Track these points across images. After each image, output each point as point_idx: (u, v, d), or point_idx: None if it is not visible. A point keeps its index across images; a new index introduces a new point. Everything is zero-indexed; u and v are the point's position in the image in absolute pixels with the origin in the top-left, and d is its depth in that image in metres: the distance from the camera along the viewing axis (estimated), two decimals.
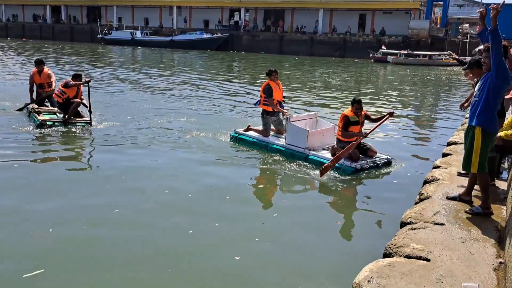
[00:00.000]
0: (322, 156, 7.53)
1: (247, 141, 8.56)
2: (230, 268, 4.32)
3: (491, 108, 4.29)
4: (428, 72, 29.14)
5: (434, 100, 17.84)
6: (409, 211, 4.58)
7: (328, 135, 8.15)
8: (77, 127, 9.47)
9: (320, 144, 7.95)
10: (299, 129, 7.83)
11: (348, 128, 7.30)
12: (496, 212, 4.47)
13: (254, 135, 8.57)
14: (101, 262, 4.36)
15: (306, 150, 7.65)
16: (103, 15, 56.81)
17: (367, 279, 3.14)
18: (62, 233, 4.88)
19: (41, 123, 9.34)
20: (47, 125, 9.35)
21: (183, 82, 19.26)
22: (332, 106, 14.32)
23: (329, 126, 8.28)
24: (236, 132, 8.86)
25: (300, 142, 7.74)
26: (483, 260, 3.48)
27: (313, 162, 7.47)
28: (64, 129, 9.36)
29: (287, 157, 7.79)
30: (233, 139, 8.79)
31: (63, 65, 24.85)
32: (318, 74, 26.29)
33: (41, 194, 5.98)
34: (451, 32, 41.36)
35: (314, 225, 5.41)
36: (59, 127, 9.42)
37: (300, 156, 7.66)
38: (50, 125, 9.37)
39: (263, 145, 8.33)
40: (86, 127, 9.57)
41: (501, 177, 5.61)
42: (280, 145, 8.09)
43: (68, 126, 9.47)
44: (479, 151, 4.31)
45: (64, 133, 9.20)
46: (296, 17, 47.50)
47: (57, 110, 10.16)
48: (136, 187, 6.38)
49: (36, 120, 9.50)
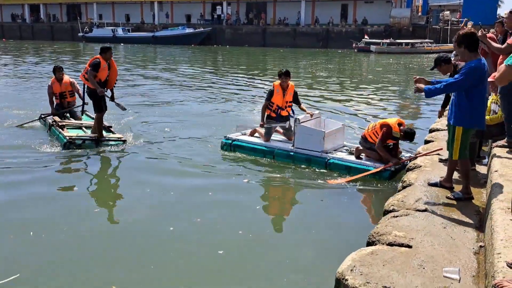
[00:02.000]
0: (347, 159, 6.79)
1: (246, 148, 7.56)
2: (214, 263, 4.31)
3: (465, 106, 4.27)
4: (411, 60, 29.37)
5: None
6: (391, 199, 4.61)
7: (339, 135, 7.41)
8: (111, 146, 8.00)
9: (332, 146, 7.20)
10: (314, 130, 7.06)
11: (387, 141, 6.54)
12: (476, 197, 4.53)
13: (253, 140, 7.65)
14: (79, 264, 4.27)
15: (324, 154, 6.90)
16: (83, 12, 56.04)
17: (350, 268, 3.15)
18: (40, 236, 4.78)
19: (69, 141, 7.77)
20: (76, 144, 7.82)
21: (170, 80, 19.13)
22: (326, 101, 13.79)
23: (339, 126, 7.47)
24: (229, 138, 7.79)
25: (315, 145, 6.92)
26: (464, 245, 3.52)
27: (336, 167, 6.74)
28: (96, 148, 7.89)
29: (299, 163, 7.03)
30: (225, 146, 7.72)
31: (45, 64, 24.47)
32: (302, 66, 26.30)
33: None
34: (432, 20, 41.68)
35: (298, 217, 5.42)
36: (89, 146, 7.93)
37: (319, 161, 6.88)
38: (79, 144, 7.84)
39: (267, 152, 7.36)
40: (120, 145, 8.08)
41: (482, 161, 5.68)
42: (288, 149, 7.19)
43: (99, 145, 7.98)
44: (460, 142, 4.36)
45: (96, 154, 7.71)
46: (278, 9, 47.40)
47: (83, 123, 8.91)
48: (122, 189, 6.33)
49: (62, 138, 7.94)
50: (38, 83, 16.57)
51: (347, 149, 7.32)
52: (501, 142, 5.38)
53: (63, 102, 9.37)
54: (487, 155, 5.68)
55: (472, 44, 4.21)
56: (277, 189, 6.53)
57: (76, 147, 7.77)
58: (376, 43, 36.18)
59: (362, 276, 3.06)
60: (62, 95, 9.36)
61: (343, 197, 5.96)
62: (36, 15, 57.89)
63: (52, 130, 8.66)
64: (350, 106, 12.83)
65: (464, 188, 4.46)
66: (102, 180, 6.95)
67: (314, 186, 6.37)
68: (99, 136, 7.98)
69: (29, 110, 10.94)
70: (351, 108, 12.45)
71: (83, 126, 8.78)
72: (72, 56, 30.94)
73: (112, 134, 8.43)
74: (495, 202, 3.64)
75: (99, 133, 8.00)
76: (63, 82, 9.33)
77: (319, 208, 5.68)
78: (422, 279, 3.03)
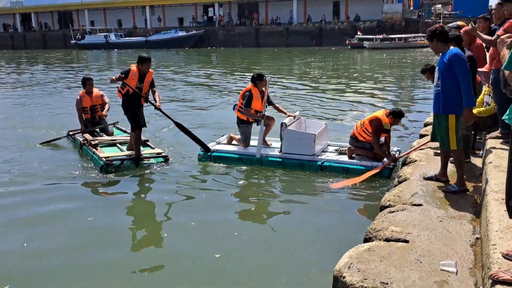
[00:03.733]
0: (342, 160, 6.61)
1: (228, 158, 7.14)
2: (211, 266, 4.29)
3: (455, 94, 4.36)
4: (404, 55, 29.45)
5: (412, 82, 18.04)
6: (387, 194, 4.63)
7: (324, 136, 7.21)
8: (151, 165, 7.14)
9: (320, 147, 7.01)
10: (303, 134, 6.85)
11: (381, 135, 6.41)
12: (472, 189, 4.54)
13: (234, 149, 7.28)
14: (72, 272, 4.22)
15: (316, 157, 6.71)
16: (75, 19, 55.94)
17: (347, 265, 3.16)
18: (33, 246, 4.69)
19: (106, 163, 6.83)
20: (114, 165, 6.93)
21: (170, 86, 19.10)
22: (315, 101, 13.66)
23: (323, 126, 7.25)
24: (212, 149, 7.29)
25: (305, 149, 6.67)
26: (460, 237, 3.53)
27: (332, 170, 6.51)
28: (136, 169, 7.01)
29: (291, 168, 6.75)
30: (204, 158, 7.23)
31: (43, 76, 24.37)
32: (296, 64, 26.32)
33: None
34: (424, 14, 41.80)
35: (293, 218, 5.39)
36: (129, 166, 7.07)
37: (313, 165, 6.63)
38: (118, 165, 6.98)
39: (254, 160, 7.00)
40: (161, 163, 7.19)
41: (477, 153, 5.70)
42: (277, 156, 6.90)
43: (139, 164, 7.13)
44: (455, 131, 4.42)
45: (136, 176, 6.79)
46: (270, 9, 47.47)
47: (116, 139, 8.05)
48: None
49: (97, 159, 7.05)
50: (50, 96, 15.70)
51: (336, 149, 7.09)
52: (494, 133, 5.41)
53: (95, 117, 8.46)
54: (482, 147, 5.70)
55: (442, 36, 4.44)
56: (270, 191, 6.33)
57: (114, 169, 6.91)
58: (369, 39, 36.26)
59: (360, 272, 3.06)
60: (93, 109, 8.45)
61: (337, 195, 5.92)
62: (28, 24, 57.75)
63: (84, 150, 7.78)
64: (343, 102, 12.83)
65: (459, 180, 4.48)
66: (143, 209, 5.96)
67: (306, 187, 6.27)
68: (137, 154, 7.11)
69: (49, 125, 10.12)
70: (345, 105, 12.45)
71: (117, 143, 7.87)
72: (64, 64, 30.78)
73: (150, 148, 7.59)
74: (490, 194, 3.65)
75: (137, 151, 7.12)
76: (94, 95, 8.45)
77: (314, 207, 5.65)
78: (420, 273, 3.03)
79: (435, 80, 4.55)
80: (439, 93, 4.45)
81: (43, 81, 20.47)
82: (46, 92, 16.82)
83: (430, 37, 4.50)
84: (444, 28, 4.54)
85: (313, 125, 7.46)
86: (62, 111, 12.17)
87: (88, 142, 7.68)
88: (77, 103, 8.39)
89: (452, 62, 4.32)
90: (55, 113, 12.19)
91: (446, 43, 4.46)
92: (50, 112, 12.35)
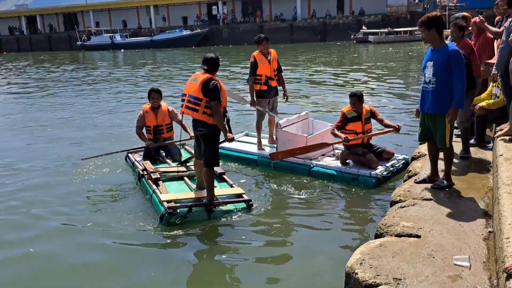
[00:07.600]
0: (329, 166, 6.30)
1: (229, 156, 7.04)
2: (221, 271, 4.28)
3: (449, 92, 4.18)
4: (410, 48, 29.25)
5: (420, 75, 17.88)
6: (397, 190, 4.61)
7: (327, 138, 6.63)
8: (229, 213, 5.20)
9: (320, 151, 6.68)
10: (295, 136, 6.54)
11: (346, 126, 6.21)
12: (483, 182, 4.51)
13: (236, 148, 7.14)
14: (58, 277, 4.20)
15: (307, 161, 6.46)
16: (80, 21, 56.08)
17: (359, 262, 3.15)
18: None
19: (170, 212, 4.92)
20: (179, 215, 4.99)
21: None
22: (325, 100, 13.05)
23: (327, 127, 6.80)
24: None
25: None
26: (473, 231, 3.51)
27: (318, 176, 6.26)
28: (208, 221, 5.10)
29: (282, 171, 6.54)
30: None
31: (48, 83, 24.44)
32: (302, 60, 26.24)
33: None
34: (429, 6, 41.42)
35: (304, 214, 5.39)
36: (199, 215, 5.12)
37: (302, 169, 6.40)
38: (184, 215, 5.04)
39: (250, 160, 6.91)
40: (242, 210, 5.28)
41: (487, 146, 5.65)
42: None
43: (213, 212, 5.16)
44: (450, 129, 4.31)
45: (207, 232, 4.91)
46: (273, 5, 47.32)
47: (185, 171, 6.10)
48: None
49: (158, 203, 5.22)
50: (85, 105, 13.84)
51: (334, 154, 6.72)
52: (504, 125, 5.35)
53: (158, 139, 6.76)
54: (492, 139, 5.65)
55: (441, 26, 4.20)
56: (276, 191, 6.13)
57: (180, 219, 4.99)
58: (374, 33, 36.07)
59: (372, 268, 3.06)
60: (158, 130, 6.75)
61: (347, 192, 5.92)
62: (34, 26, 58.04)
63: (142, 183, 6.04)
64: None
65: (447, 176, 4.40)
66: None
67: (314, 185, 6.14)
68: (211, 197, 5.16)
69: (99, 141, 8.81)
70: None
71: (184, 176, 6.04)
72: (73, 67, 30.87)
73: (228, 186, 5.73)
74: (502, 187, 3.62)
75: (211, 194, 5.17)
76: (160, 111, 6.72)
77: (324, 204, 5.64)
78: (433, 268, 3.02)
79: (427, 76, 4.26)
80: (433, 91, 4.21)
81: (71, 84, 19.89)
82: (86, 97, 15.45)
83: (429, 24, 4.14)
84: (442, 18, 4.30)
85: (319, 126, 7.18)
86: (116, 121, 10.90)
87: (147, 173, 5.92)
88: (139, 120, 6.74)
89: (452, 60, 4.11)
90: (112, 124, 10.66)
91: (441, 36, 4.20)
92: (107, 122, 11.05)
